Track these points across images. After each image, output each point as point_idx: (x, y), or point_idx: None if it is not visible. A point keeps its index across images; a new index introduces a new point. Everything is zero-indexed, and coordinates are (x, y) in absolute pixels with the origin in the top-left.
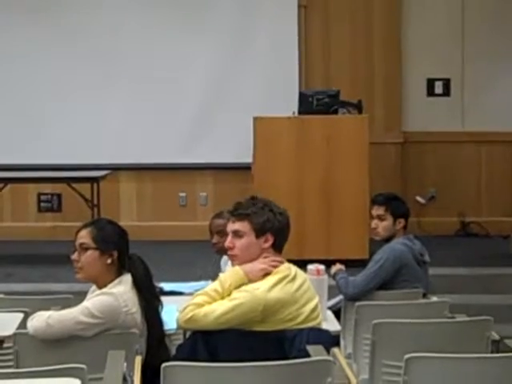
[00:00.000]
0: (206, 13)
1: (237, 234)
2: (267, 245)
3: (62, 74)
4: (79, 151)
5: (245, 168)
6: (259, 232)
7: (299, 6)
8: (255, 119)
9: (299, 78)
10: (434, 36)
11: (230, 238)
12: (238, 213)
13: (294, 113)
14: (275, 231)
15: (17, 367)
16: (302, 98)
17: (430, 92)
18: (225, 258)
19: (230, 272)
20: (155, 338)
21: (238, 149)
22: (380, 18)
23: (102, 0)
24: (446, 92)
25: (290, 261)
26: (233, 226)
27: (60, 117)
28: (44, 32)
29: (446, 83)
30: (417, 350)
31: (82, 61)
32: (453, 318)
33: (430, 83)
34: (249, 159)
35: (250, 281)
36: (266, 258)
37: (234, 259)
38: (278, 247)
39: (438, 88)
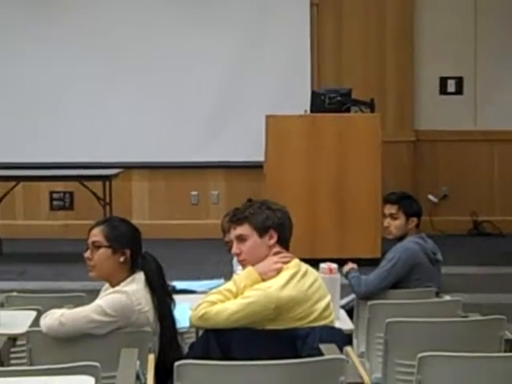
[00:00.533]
0: (218, 11)
1: (240, 238)
2: (273, 241)
3: (75, 72)
4: (91, 149)
5: (257, 167)
6: (261, 231)
7: (311, 5)
8: (267, 118)
9: (311, 77)
10: (446, 34)
11: (235, 244)
12: (236, 218)
13: (306, 111)
14: (277, 226)
15: (30, 365)
16: (314, 96)
17: (443, 90)
18: None
19: (244, 273)
20: (168, 336)
21: (250, 147)
22: (392, 15)
23: None
24: (459, 90)
25: (302, 259)
26: (234, 231)
27: (72, 115)
28: (59, 30)
29: (459, 81)
30: (430, 349)
31: (96, 59)
32: (466, 317)
33: (443, 81)
34: (261, 158)
35: (264, 281)
36: (276, 254)
37: (244, 263)
38: (283, 243)
39: (451, 86)
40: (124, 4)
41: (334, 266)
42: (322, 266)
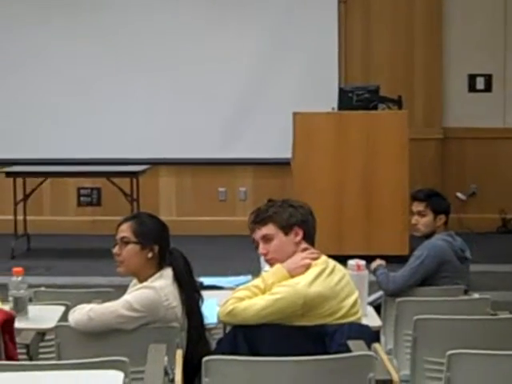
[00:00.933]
0: (245, 9)
1: (266, 238)
2: (298, 238)
3: (102, 68)
4: (119, 146)
5: (284, 163)
6: (286, 229)
7: (339, 2)
8: (295, 115)
9: (339, 74)
10: (475, 31)
11: (261, 244)
12: (259, 218)
13: (333, 108)
14: (301, 223)
15: (58, 359)
16: (342, 93)
17: (472, 88)
18: None
19: (272, 270)
20: (196, 331)
21: (277, 144)
22: (421, 12)
23: None
24: (488, 88)
25: (330, 256)
26: (260, 232)
27: (100, 111)
28: (82, 30)
29: (488, 79)
30: (458, 346)
31: (123, 55)
32: (494, 315)
33: (472, 79)
34: (288, 154)
35: (293, 277)
36: (303, 250)
37: (272, 262)
38: (309, 239)
39: (480, 84)
40: (147, 2)
41: (362, 262)
42: (351, 262)
